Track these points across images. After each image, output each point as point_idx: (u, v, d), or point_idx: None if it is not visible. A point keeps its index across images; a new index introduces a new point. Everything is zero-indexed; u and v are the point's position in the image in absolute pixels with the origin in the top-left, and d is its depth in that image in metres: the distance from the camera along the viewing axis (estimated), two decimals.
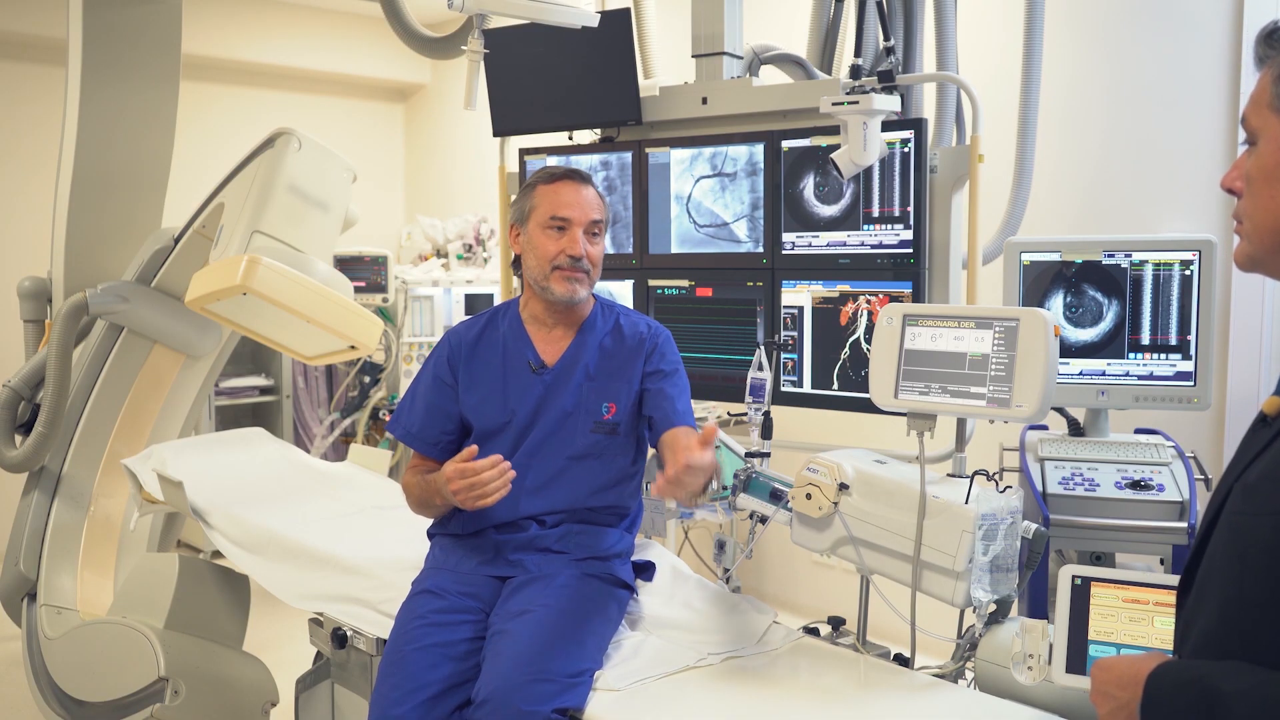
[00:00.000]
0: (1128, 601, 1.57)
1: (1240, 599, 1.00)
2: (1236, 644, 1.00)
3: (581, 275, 2.06)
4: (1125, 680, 1.05)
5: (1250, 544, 0.99)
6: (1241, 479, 1.04)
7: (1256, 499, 1.00)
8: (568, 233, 2.05)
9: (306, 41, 5.44)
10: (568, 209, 2.05)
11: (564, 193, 2.06)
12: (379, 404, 5.00)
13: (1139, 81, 3.08)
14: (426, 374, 2.16)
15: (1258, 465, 1.02)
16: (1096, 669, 1.11)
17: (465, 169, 5.67)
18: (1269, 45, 1.04)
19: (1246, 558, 0.99)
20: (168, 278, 3.03)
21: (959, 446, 2.09)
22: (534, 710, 1.68)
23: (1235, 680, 0.96)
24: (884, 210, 2.49)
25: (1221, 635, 1.02)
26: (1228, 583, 1.02)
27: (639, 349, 2.13)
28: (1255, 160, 1.06)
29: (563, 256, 2.04)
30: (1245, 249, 1.08)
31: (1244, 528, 1.01)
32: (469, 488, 1.87)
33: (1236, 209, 1.09)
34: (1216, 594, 1.03)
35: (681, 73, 2.98)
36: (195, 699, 2.50)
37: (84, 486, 3.12)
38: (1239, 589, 1.00)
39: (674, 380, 2.13)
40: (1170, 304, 2.35)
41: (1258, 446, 1.05)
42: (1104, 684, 1.08)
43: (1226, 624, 1.02)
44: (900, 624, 1.87)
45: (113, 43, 2.97)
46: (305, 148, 2.64)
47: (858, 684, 1.79)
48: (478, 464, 1.87)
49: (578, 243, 2.04)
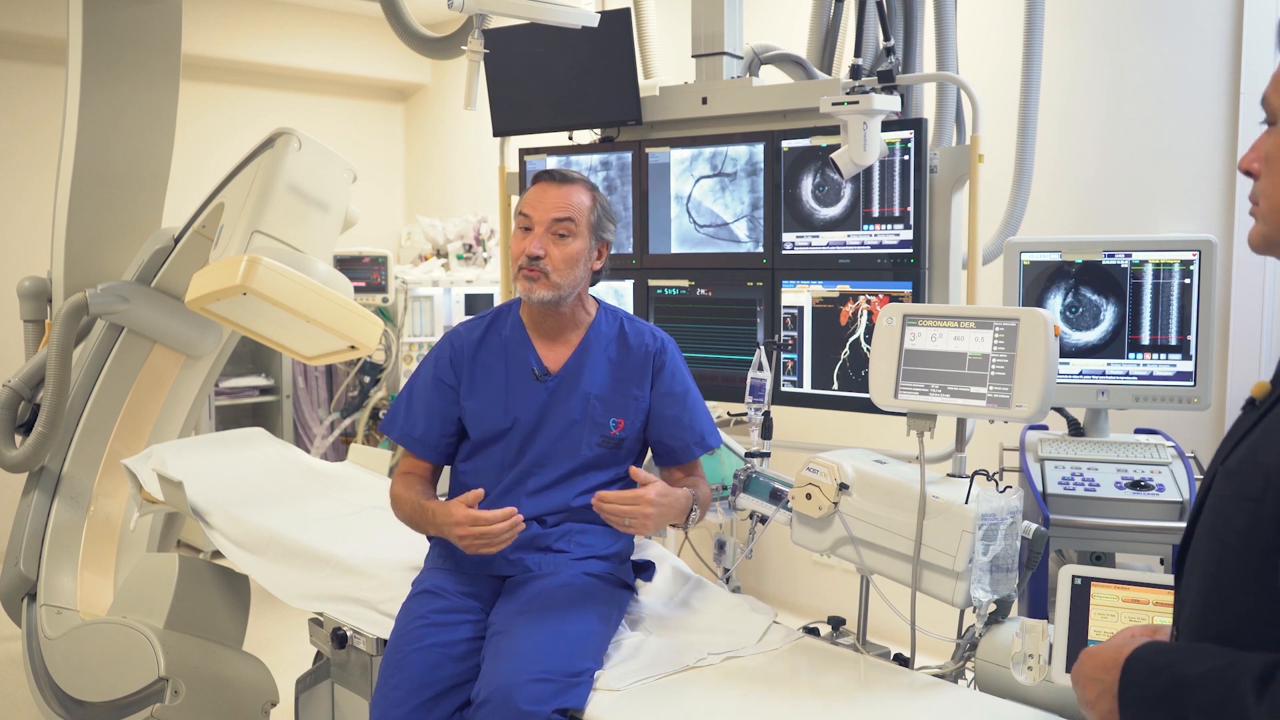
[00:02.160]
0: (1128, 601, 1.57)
1: (1218, 581, 1.03)
2: (1215, 626, 1.03)
3: (537, 274, 2.02)
4: (1108, 664, 1.08)
5: (1228, 527, 1.02)
6: (1225, 463, 1.06)
7: (1235, 483, 1.02)
8: (531, 232, 2.03)
9: (306, 41, 5.44)
10: (530, 207, 2.04)
11: (535, 192, 2.06)
12: (379, 404, 5.00)
13: (1139, 81, 3.08)
14: (425, 375, 2.13)
15: (1240, 449, 1.04)
16: (1083, 657, 1.13)
17: (465, 169, 5.67)
18: None
19: (1225, 541, 1.02)
20: (168, 278, 3.03)
21: (959, 446, 2.09)
22: (534, 710, 1.68)
23: (1201, 663, 0.99)
24: (884, 210, 2.49)
25: (1203, 616, 1.05)
26: (1208, 565, 1.05)
27: (646, 363, 2.11)
28: (1275, 140, 1.05)
29: (522, 256, 2.03)
30: (1261, 230, 1.08)
31: (1223, 511, 1.03)
32: (477, 536, 1.86)
33: (1253, 190, 1.08)
34: (1200, 575, 1.06)
35: (681, 73, 2.98)
36: (195, 699, 2.50)
37: (84, 486, 3.12)
38: (1216, 571, 1.03)
39: (689, 402, 2.13)
40: (1170, 304, 2.35)
41: (1242, 430, 1.07)
42: (1091, 669, 1.11)
43: (1206, 606, 1.05)
44: (900, 624, 1.87)
45: (113, 43, 2.97)
46: (305, 148, 2.64)
47: (858, 684, 1.79)
48: (490, 514, 1.86)
49: (534, 242, 2.01)
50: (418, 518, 2.03)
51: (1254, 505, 0.99)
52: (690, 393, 2.14)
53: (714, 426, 2.17)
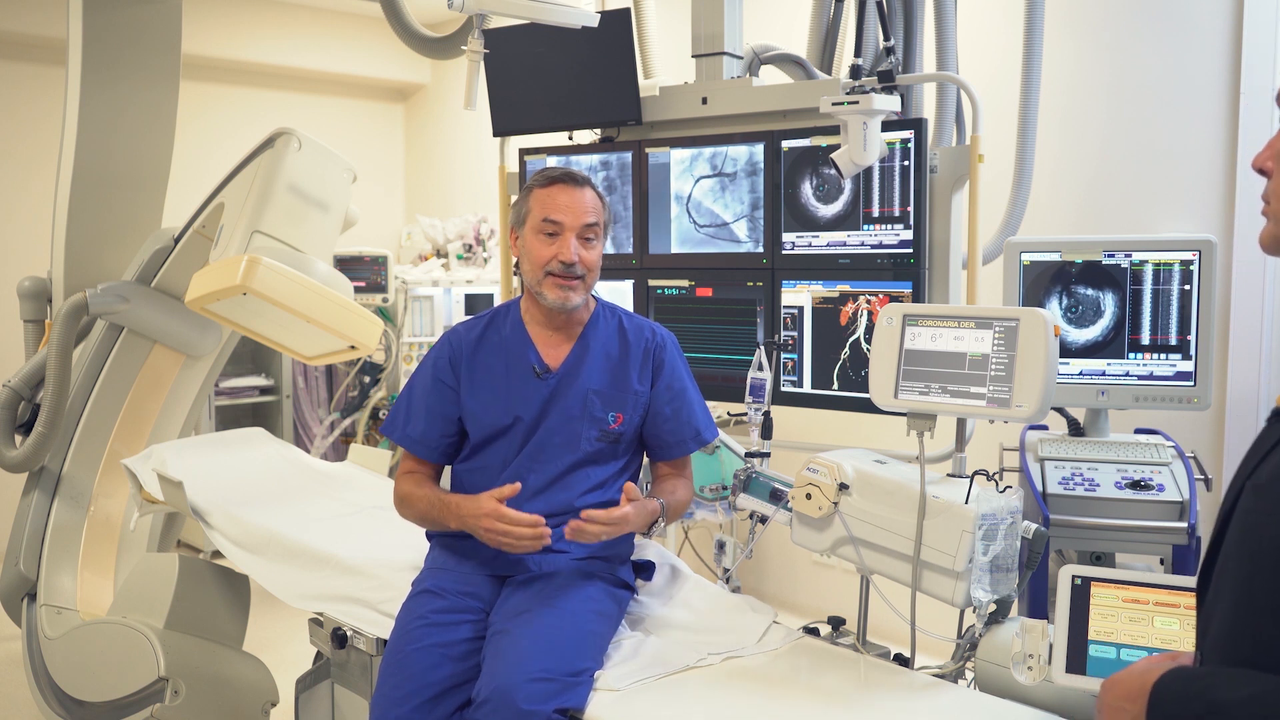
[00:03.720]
0: (1128, 601, 1.57)
1: (1250, 600, 0.99)
2: (1248, 646, 0.98)
3: (575, 282, 2.02)
4: (1133, 693, 1.04)
5: (1260, 544, 0.98)
6: (1253, 477, 1.02)
7: (1267, 498, 0.98)
8: (560, 238, 2.01)
9: (306, 41, 5.44)
10: (560, 213, 2.01)
11: (558, 196, 2.02)
12: (379, 404, 5.00)
13: (1139, 81, 3.08)
14: (425, 376, 2.12)
15: (1268, 464, 1.01)
16: (1105, 687, 1.09)
17: (465, 169, 5.67)
18: None
19: (1257, 558, 0.98)
20: (168, 278, 3.03)
21: (959, 446, 2.09)
22: (534, 710, 1.68)
23: (1237, 689, 0.94)
24: (884, 210, 2.49)
25: (1234, 636, 1.01)
26: (1239, 583, 1.00)
27: (645, 358, 2.12)
28: None
29: (554, 262, 2.01)
30: (1272, 230, 1.07)
31: (1254, 527, 0.99)
32: (502, 533, 1.87)
33: (1266, 189, 1.07)
34: (1229, 594, 1.02)
35: (681, 73, 2.98)
36: (195, 699, 2.51)
37: (84, 486, 3.12)
38: (1249, 590, 0.99)
39: (688, 398, 2.13)
40: (1170, 304, 2.35)
41: (1269, 444, 1.03)
42: (1115, 699, 1.06)
43: (1238, 625, 1.00)
44: (900, 624, 1.87)
45: (113, 43, 2.97)
46: (305, 148, 2.64)
47: (858, 684, 1.79)
48: (519, 517, 1.87)
49: (569, 248, 2.00)
50: (435, 512, 2.01)
51: None
52: (688, 389, 2.14)
53: (711, 422, 2.18)
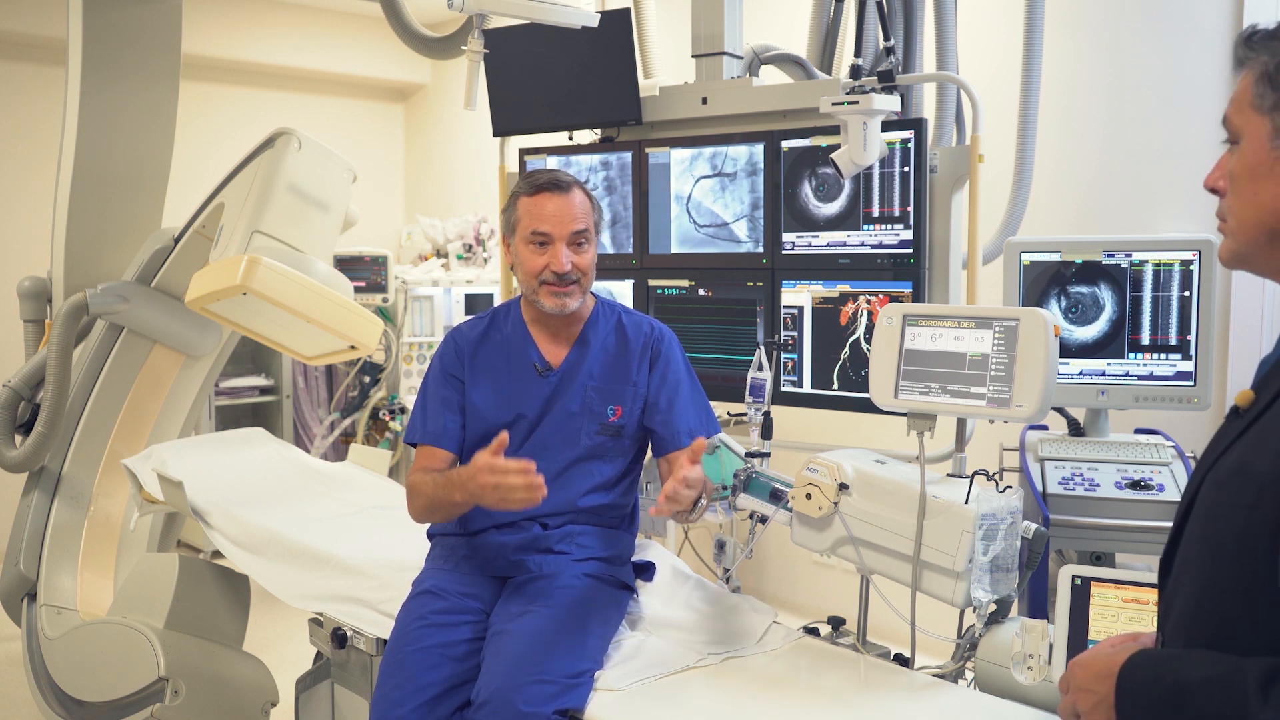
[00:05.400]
0: (1127, 601, 1.57)
1: (1213, 587, 1.04)
2: (1211, 630, 1.04)
3: (570, 288, 2.03)
4: (1101, 674, 1.08)
5: (1222, 535, 1.03)
6: (1213, 471, 1.07)
7: (1226, 491, 1.04)
8: (551, 248, 2.01)
9: (306, 41, 5.44)
10: (547, 223, 2.00)
11: (545, 205, 2.01)
12: (379, 404, 5.00)
13: (1139, 81, 3.08)
14: (435, 374, 2.13)
15: (1227, 459, 1.06)
16: (1072, 668, 1.13)
17: (465, 169, 5.67)
18: (1249, 48, 1.08)
19: (1219, 548, 1.03)
20: (168, 278, 3.03)
21: (959, 446, 2.09)
22: (534, 711, 1.68)
23: (1201, 669, 0.99)
24: (884, 210, 2.49)
25: (1197, 620, 1.06)
26: (1202, 571, 1.06)
27: (644, 351, 2.12)
28: (1238, 159, 1.09)
29: (547, 272, 2.01)
30: (1230, 246, 1.12)
31: (1216, 519, 1.05)
32: (494, 486, 1.79)
33: (1220, 208, 1.13)
34: (1191, 581, 1.07)
35: (681, 73, 2.98)
36: (195, 699, 2.51)
37: (84, 486, 3.12)
38: (1212, 577, 1.04)
39: (682, 391, 2.12)
40: (1170, 304, 2.35)
41: (1228, 439, 1.08)
42: (1084, 680, 1.11)
43: (1200, 610, 1.06)
44: (900, 624, 1.87)
45: (113, 43, 2.97)
46: (305, 148, 2.64)
47: (858, 684, 1.79)
48: (509, 463, 1.79)
49: (560, 258, 2.00)
50: (442, 491, 1.93)
51: (1248, 512, 1.00)
52: (684, 383, 2.14)
53: (713, 418, 2.16)
